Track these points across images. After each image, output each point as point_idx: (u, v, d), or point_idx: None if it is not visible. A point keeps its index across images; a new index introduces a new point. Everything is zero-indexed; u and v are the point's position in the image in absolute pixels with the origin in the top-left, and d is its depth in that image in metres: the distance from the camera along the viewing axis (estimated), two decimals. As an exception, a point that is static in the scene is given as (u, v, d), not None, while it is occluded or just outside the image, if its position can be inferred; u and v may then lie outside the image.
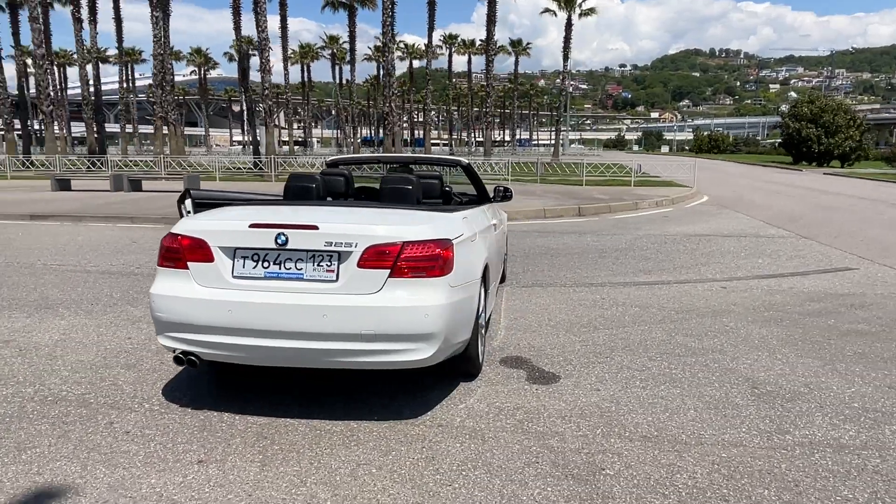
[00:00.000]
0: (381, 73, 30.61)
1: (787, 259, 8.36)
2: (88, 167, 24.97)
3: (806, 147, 43.02)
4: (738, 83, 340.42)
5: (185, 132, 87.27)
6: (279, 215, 3.53)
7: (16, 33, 37.93)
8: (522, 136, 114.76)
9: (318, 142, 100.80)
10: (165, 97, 24.77)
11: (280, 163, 24.41)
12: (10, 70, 54.14)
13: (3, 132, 37.07)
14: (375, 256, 3.17)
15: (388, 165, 7.40)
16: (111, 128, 73.27)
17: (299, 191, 4.34)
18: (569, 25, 45.24)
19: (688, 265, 7.94)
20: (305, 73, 70.00)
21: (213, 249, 3.28)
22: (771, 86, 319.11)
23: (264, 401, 3.62)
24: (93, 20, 35.50)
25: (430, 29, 41.83)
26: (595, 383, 3.93)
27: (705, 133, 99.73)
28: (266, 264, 3.25)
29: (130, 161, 33.47)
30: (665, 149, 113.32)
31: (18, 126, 38.90)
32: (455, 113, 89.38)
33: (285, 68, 40.76)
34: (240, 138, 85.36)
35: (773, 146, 78.63)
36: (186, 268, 3.32)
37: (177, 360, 3.39)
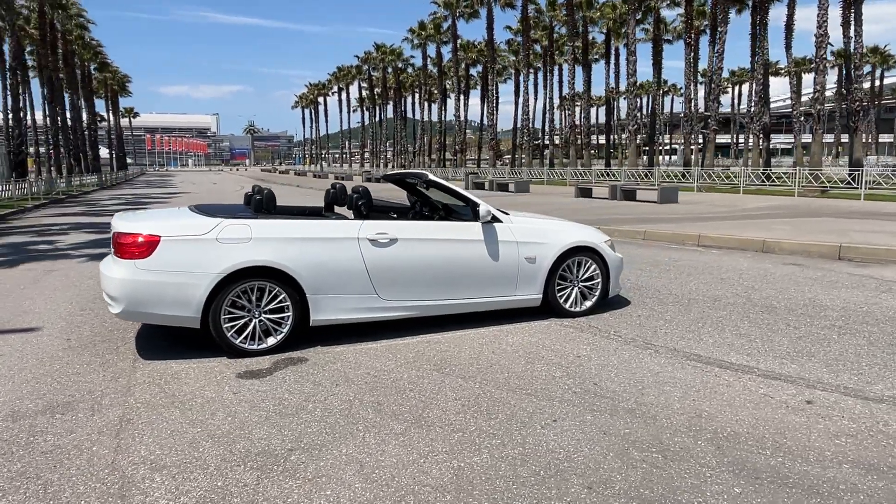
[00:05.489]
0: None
1: None
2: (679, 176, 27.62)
3: None
4: None
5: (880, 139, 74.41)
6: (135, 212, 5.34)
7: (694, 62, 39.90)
8: None
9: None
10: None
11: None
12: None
13: (630, 141, 39.27)
14: (113, 240, 4.74)
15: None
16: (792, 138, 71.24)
17: (247, 199, 5.78)
18: None
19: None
20: None
21: None
22: None
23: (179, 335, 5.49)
24: (763, 35, 34.04)
25: None
26: (282, 396, 4.02)
27: None
28: None
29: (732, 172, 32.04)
30: None
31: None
32: None
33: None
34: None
35: None
36: None
37: None
